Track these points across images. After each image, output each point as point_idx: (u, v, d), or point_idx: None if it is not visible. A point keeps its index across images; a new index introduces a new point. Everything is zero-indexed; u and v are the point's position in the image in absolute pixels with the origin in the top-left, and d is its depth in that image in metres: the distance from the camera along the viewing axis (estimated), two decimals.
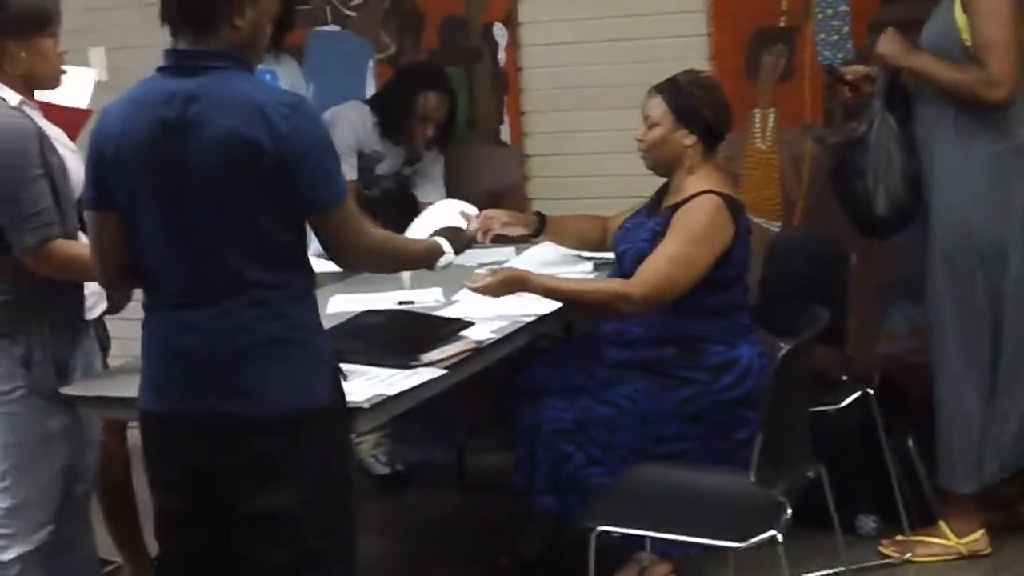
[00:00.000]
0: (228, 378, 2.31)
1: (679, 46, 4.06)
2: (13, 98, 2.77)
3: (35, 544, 2.87)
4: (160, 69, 2.34)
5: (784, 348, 2.67)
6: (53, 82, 2.92)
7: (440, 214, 3.33)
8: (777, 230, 4.08)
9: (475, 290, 3.14)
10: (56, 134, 2.87)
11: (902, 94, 3.44)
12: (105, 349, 3.14)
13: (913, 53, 3.36)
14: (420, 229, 3.20)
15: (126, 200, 2.34)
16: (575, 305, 3.28)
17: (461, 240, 2.95)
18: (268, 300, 2.32)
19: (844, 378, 3.58)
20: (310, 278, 2.42)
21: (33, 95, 2.94)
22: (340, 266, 2.51)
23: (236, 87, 2.28)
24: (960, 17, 3.26)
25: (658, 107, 3.32)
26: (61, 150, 2.83)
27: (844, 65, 3.60)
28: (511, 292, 3.18)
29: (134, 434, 3.53)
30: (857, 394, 3.49)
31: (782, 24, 3.97)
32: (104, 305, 3.04)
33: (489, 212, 3.47)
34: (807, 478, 2.90)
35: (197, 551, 2.42)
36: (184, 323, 2.33)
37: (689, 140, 3.30)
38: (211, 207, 2.27)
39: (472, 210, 3.37)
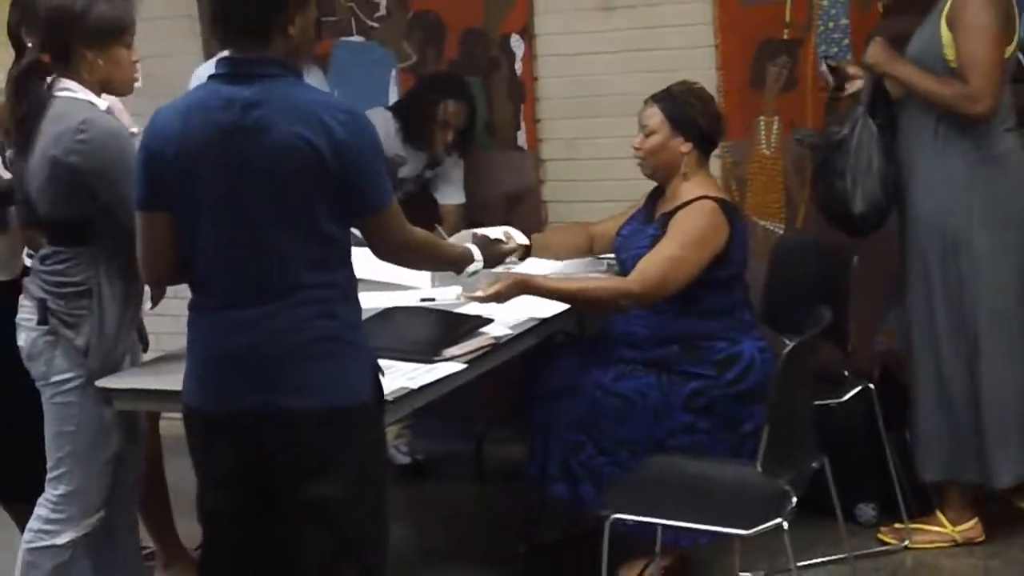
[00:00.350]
0: (280, 376, 2.36)
1: (687, 57, 4.15)
2: (102, 103, 2.88)
3: (87, 529, 2.95)
4: (215, 76, 2.40)
5: (789, 345, 2.76)
6: (127, 88, 3.00)
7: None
8: (781, 232, 4.18)
9: (481, 300, 3.20)
10: None
11: (884, 101, 3.52)
12: (145, 345, 3.22)
13: (898, 62, 3.42)
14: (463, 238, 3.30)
15: (184, 201, 2.38)
16: (578, 303, 3.38)
17: (493, 253, 3.05)
18: (319, 300, 2.38)
19: (846, 373, 3.67)
20: (355, 279, 2.48)
21: None
22: (381, 259, 2.58)
23: (294, 94, 2.35)
24: (945, 33, 3.34)
25: (655, 116, 3.42)
26: None
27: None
28: (515, 296, 3.25)
29: (165, 424, 3.70)
30: (858, 389, 3.58)
31: (786, 36, 4.07)
32: (150, 303, 3.13)
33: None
34: (811, 469, 2.98)
35: (244, 543, 2.46)
36: (237, 322, 2.38)
37: (685, 147, 3.41)
38: (271, 209, 2.33)
39: (519, 236, 3.43)
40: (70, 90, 2.86)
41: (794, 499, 2.80)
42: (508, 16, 4.39)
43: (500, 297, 3.22)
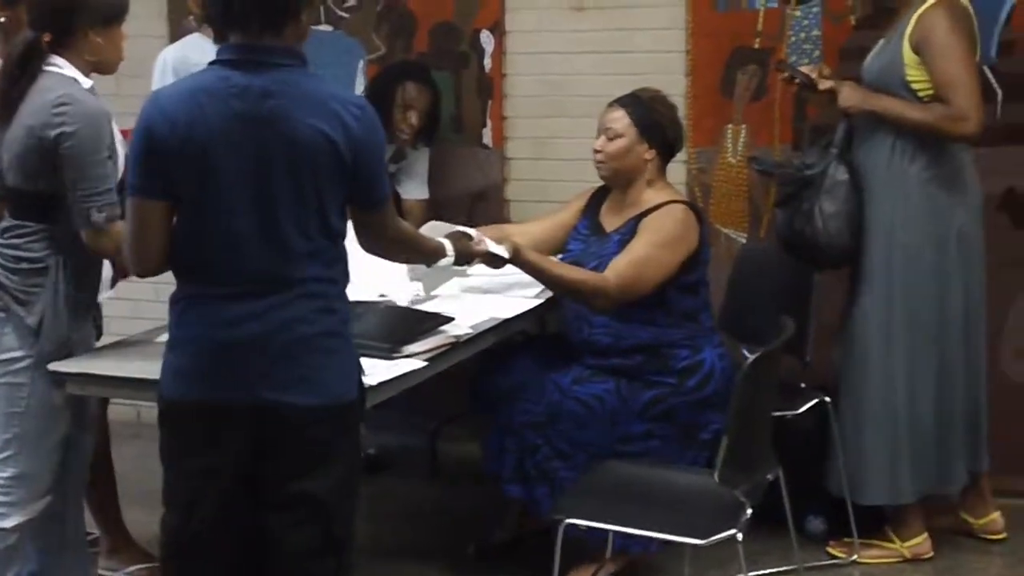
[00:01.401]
0: (284, 367, 2.35)
1: (658, 61, 4.15)
2: (86, 82, 2.86)
3: (34, 513, 2.91)
4: (221, 62, 2.36)
5: (754, 355, 2.77)
6: (115, 68, 3.01)
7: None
8: (744, 241, 4.20)
9: (478, 252, 3.15)
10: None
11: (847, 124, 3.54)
12: (99, 331, 3.18)
13: (875, 97, 3.44)
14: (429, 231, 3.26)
15: (190, 189, 2.34)
16: (556, 286, 3.36)
17: (464, 249, 3.04)
18: (322, 294, 2.38)
19: (802, 385, 3.68)
20: (349, 275, 2.48)
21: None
22: (366, 251, 2.60)
23: (308, 85, 2.34)
24: (908, 55, 3.37)
25: (622, 120, 3.41)
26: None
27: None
28: (504, 265, 3.23)
29: (114, 409, 3.66)
30: (815, 401, 3.61)
31: (757, 45, 4.08)
32: (109, 292, 3.09)
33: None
34: (767, 480, 3.00)
35: (223, 534, 2.43)
36: (241, 314, 2.34)
37: (649, 154, 3.41)
38: (285, 200, 2.32)
39: (495, 248, 3.32)
40: (58, 66, 2.85)
41: (749, 510, 2.81)
42: (479, 11, 4.38)
43: (497, 261, 3.21)
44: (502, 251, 3.21)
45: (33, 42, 2.85)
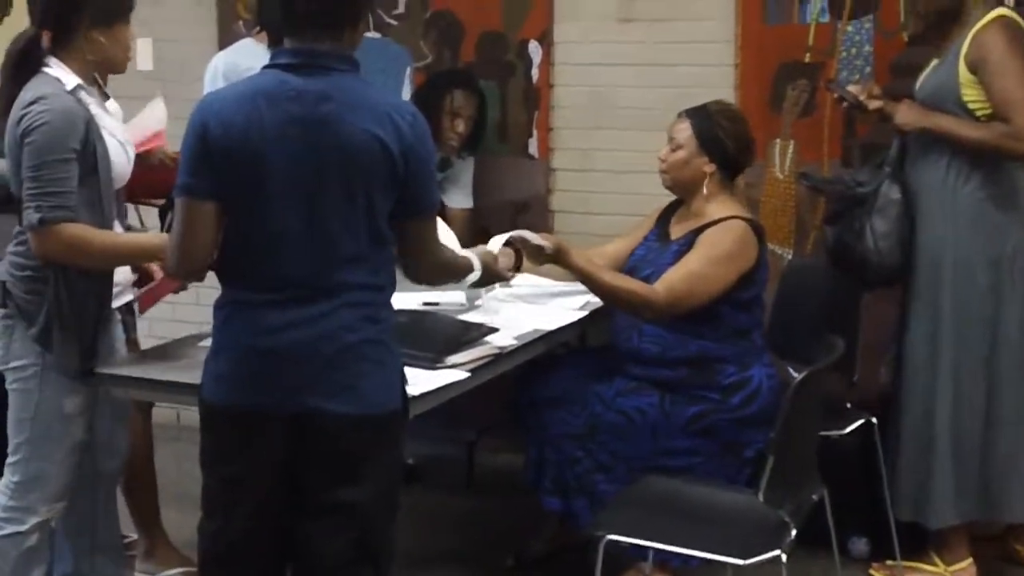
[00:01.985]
0: (326, 376, 2.34)
1: (706, 74, 4.13)
2: (70, 82, 2.80)
3: (49, 516, 2.89)
4: (277, 65, 2.35)
5: (801, 374, 2.74)
6: (123, 67, 2.96)
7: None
8: (790, 257, 4.16)
9: (525, 246, 3.21)
10: (109, 124, 2.91)
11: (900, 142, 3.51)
12: (128, 333, 3.16)
13: (933, 115, 3.41)
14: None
15: (245, 194, 2.33)
16: (602, 294, 3.34)
17: (491, 269, 3.03)
18: (368, 302, 2.37)
19: (848, 405, 3.64)
20: (394, 285, 2.46)
21: (105, 78, 2.99)
22: (408, 274, 2.54)
23: (363, 91, 2.34)
24: (964, 74, 3.34)
25: (685, 131, 3.41)
26: (108, 139, 2.85)
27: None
28: (550, 261, 3.27)
29: (154, 412, 3.67)
30: (861, 421, 3.56)
31: (807, 60, 4.04)
32: (129, 296, 3.05)
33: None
34: (811, 500, 2.96)
35: (261, 539, 2.43)
36: (282, 321, 2.34)
37: (708, 167, 3.39)
38: (337, 205, 2.31)
39: (534, 238, 3.34)
40: (49, 67, 2.81)
41: (793, 531, 2.77)
42: (527, 21, 4.37)
43: (533, 249, 3.22)
44: (543, 241, 3.21)
45: (33, 40, 2.83)
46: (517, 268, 3.39)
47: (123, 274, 2.99)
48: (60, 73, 2.80)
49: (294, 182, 2.32)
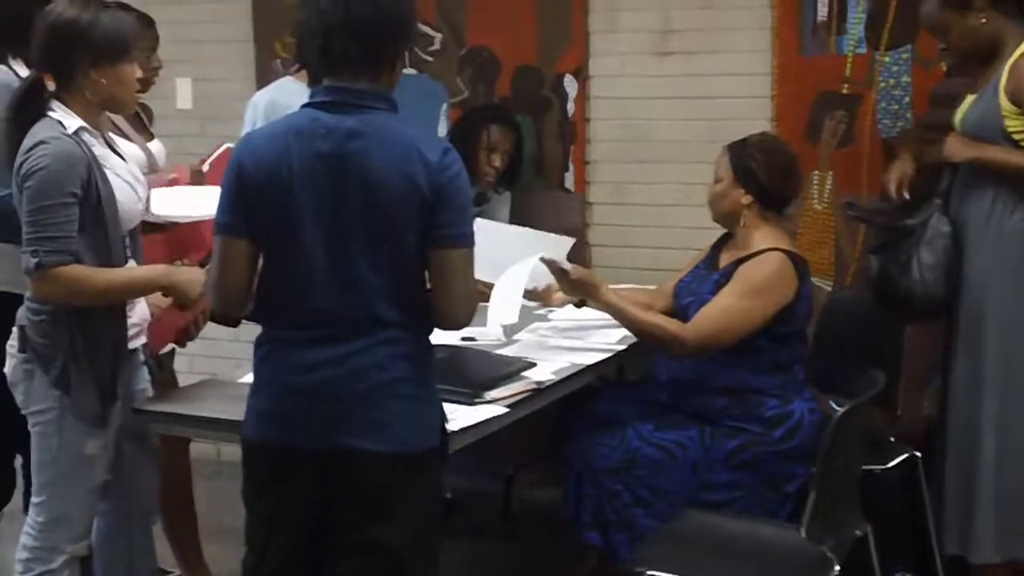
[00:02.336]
0: (358, 414, 2.34)
1: (743, 106, 4.12)
2: (72, 125, 2.76)
3: (73, 554, 2.88)
4: (314, 104, 2.37)
5: (843, 408, 2.73)
6: (129, 107, 2.94)
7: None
8: (830, 289, 4.13)
9: (553, 270, 3.23)
10: (115, 164, 2.86)
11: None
12: (156, 372, 3.15)
13: (983, 146, 3.37)
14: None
15: (275, 231, 2.36)
16: (634, 329, 3.34)
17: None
18: (400, 340, 2.37)
19: (892, 439, 3.61)
20: (431, 322, 2.45)
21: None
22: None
23: (395, 128, 2.35)
24: (1005, 104, 3.30)
25: (724, 164, 3.42)
26: (116, 181, 2.82)
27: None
28: (580, 295, 3.30)
29: (195, 447, 3.69)
30: (904, 456, 3.53)
31: (845, 90, 4.03)
32: (143, 339, 3.01)
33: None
34: (855, 536, 2.94)
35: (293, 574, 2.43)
36: (316, 358, 2.35)
37: (745, 199, 3.39)
38: (365, 242, 2.32)
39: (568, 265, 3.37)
40: (52, 111, 2.78)
41: (836, 567, 2.75)
42: (562, 55, 4.38)
43: (565, 284, 3.26)
44: (568, 266, 3.26)
45: (35, 84, 2.80)
46: (582, 303, 3.44)
47: (139, 315, 2.97)
48: (62, 116, 2.77)
49: (321, 219, 2.33)
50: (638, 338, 3.42)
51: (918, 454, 3.55)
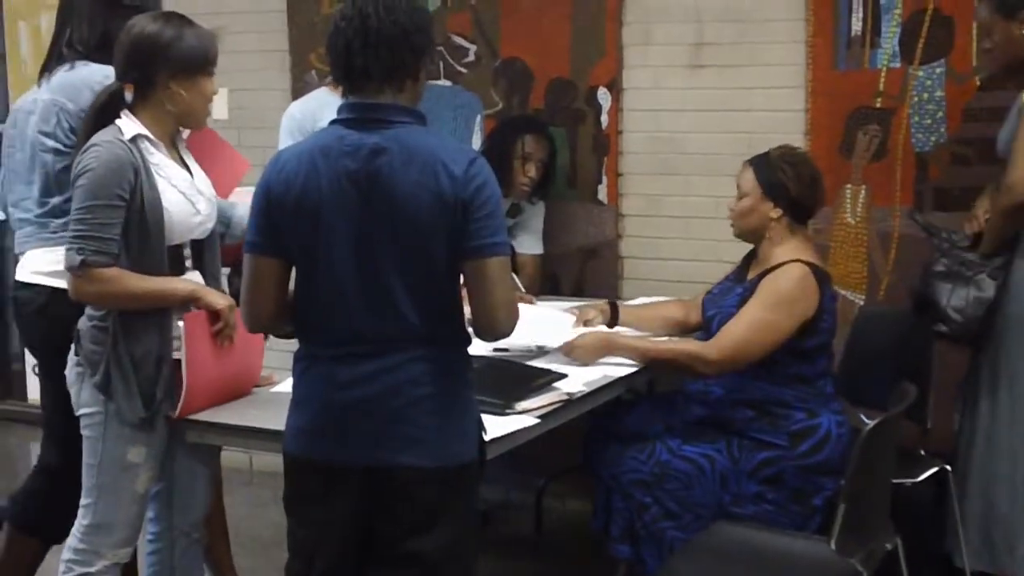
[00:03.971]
0: (395, 431, 2.36)
1: (776, 120, 4.12)
2: (130, 131, 2.82)
3: (115, 560, 2.92)
4: (340, 121, 2.39)
5: (874, 421, 2.72)
6: (202, 122, 2.98)
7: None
8: (862, 303, 4.12)
9: (566, 354, 3.34)
10: (174, 175, 2.88)
11: None
12: None
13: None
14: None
15: (306, 250, 2.37)
16: (657, 365, 3.41)
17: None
18: (435, 355, 2.37)
19: (922, 453, 3.60)
20: (467, 335, 2.45)
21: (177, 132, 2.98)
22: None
23: (419, 141, 2.34)
24: None
25: (749, 180, 3.42)
26: (169, 191, 2.85)
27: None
28: (600, 356, 3.37)
29: (227, 456, 3.71)
30: (935, 469, 3.52)
31: (878, 105, 4.02)
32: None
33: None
34: (885, 549, 2.93)
35: None
36: (351, 375, 2.36)
37: (775, 213, 3.39)
38: (394, 258, 2.32)
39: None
40: (120, 119, 2.85)
41: None
42: (596, 68, 4.39)
43: (581, 355, 3.36)
44: (575, 334, 3.43)
45: (114, 95, 2.86)
46: (613, 322, 3.55)
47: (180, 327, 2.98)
48: (125, 123, 2.83)
49: (346, 237, 2.34)
50: (665, 372, 3.50)
51: (948, 468, 3.53)
